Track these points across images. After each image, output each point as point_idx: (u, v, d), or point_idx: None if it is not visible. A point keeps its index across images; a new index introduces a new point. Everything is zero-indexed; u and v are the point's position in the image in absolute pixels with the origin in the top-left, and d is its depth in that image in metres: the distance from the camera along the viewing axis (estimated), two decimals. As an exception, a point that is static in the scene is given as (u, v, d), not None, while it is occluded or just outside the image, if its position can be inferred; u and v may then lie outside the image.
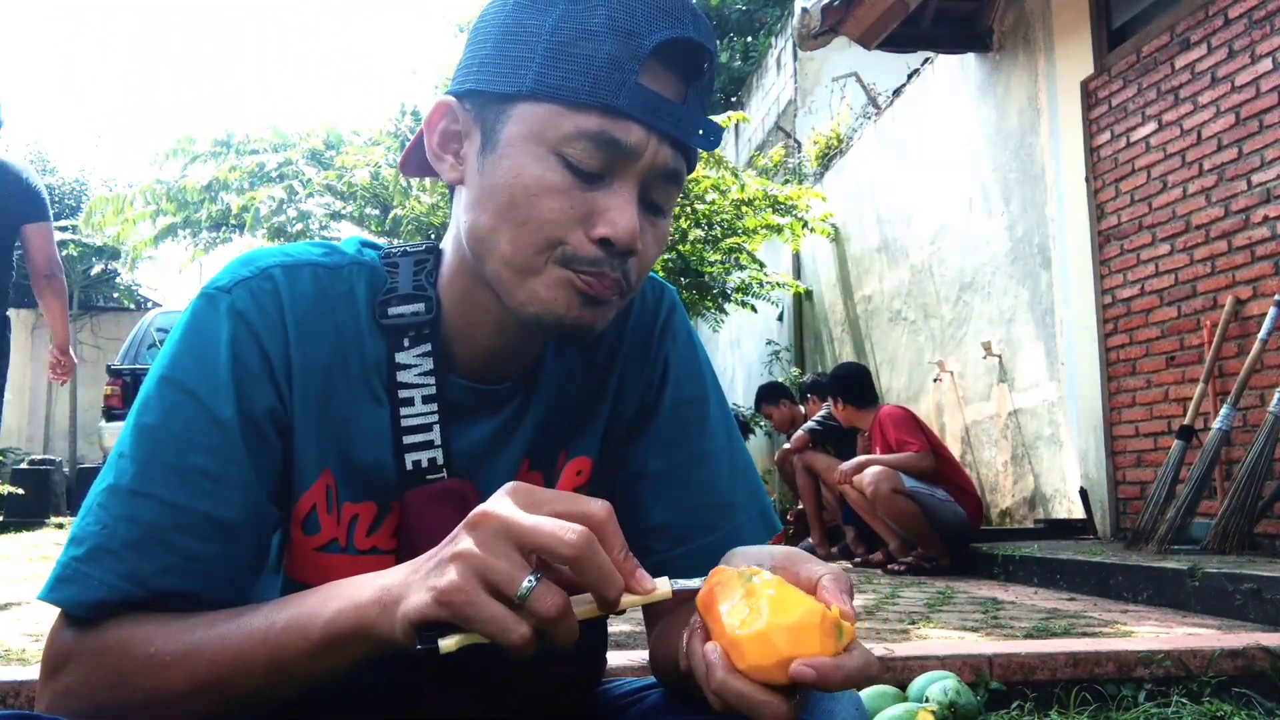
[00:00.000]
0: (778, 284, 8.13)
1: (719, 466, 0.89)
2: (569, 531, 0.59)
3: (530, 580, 0.59)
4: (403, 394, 0.80)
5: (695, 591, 0.65)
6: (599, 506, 0.63)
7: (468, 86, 0.77)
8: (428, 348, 0.80)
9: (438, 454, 0.80)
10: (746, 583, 0.63)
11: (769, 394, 6.79)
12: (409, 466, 0.79)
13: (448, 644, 0.61)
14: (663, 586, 0.64)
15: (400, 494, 0.80)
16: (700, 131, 0.75)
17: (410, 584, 0.63)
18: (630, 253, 0.74)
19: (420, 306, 0.80)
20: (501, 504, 0.62)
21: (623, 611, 0.64)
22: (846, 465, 4.79)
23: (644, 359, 0.90)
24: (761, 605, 0.61)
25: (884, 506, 4.57)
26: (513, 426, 0.85)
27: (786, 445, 6.05)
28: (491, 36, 0.76)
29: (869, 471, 4.59)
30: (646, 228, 0.76)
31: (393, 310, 0.80)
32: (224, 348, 0.74)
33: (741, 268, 7.75)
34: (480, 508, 0.62)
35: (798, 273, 9.43)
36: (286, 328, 0.77)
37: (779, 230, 7.52)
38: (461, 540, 0.61)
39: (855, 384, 5.16)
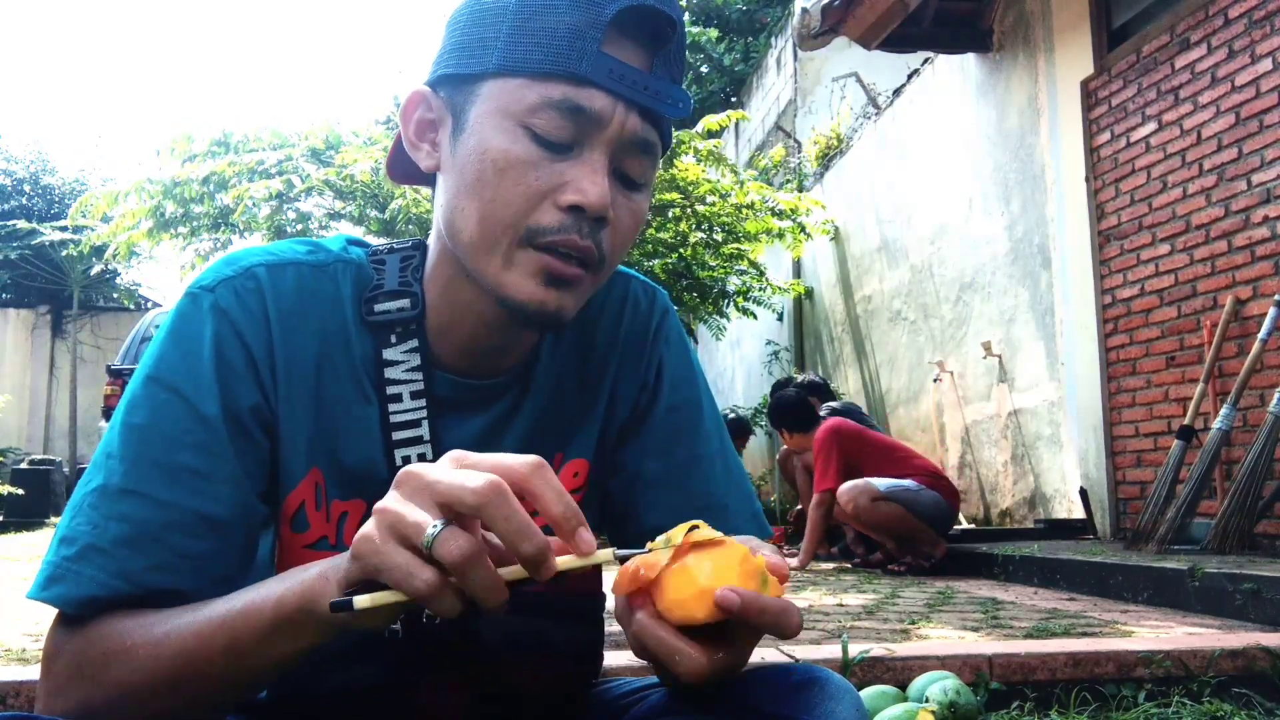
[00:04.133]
0: (779, 289, 8.11)
1: (713, 469, 0.90)
2: (475, 479, 0.58)
3: (434, 525, 0.57)
4: (391, 390, 0.80)
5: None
6: (523, 461, 0.60)
7: (439, 73, 0.78)
8: (414, 343, 0.80)
9: (427, 449, 0.79)
10: (681, 534, 0.64)
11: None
12: (399, 463, 0.79)
13: (361, 600, 0.59)
14: (604, 552, 0.62)
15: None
16: (669, 99, 0.75)
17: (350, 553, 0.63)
18: (602, 220, 0.73)
19: (406, 302, 0.80)
20: (428, 464, 0.61)
21: (560, 576, 0.60)
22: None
23: (638, 360, 0.90)
24: (685, 547, 0.62)
25: (869, 518, 4.64)
26: (505, 423, 0.85)
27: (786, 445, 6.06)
28: (461, 23, 0.77)
29: (843, 491, 4.65)
30: (620, 200, 0.76)
31: (379, 307, 0.80)
32: (208, 345, 0.75)
33: (743, 271, 7.73)
34: (406, 468, 0.61)
35: (797, 272, 9.42)
36: (270, 325, 0.77)
37: (780, 235, 7.51)
38: (384, 499, 0.61)
39: (793, 411, 5.31)
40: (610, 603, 0.93)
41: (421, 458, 0.79)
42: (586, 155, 0.73)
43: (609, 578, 0.93)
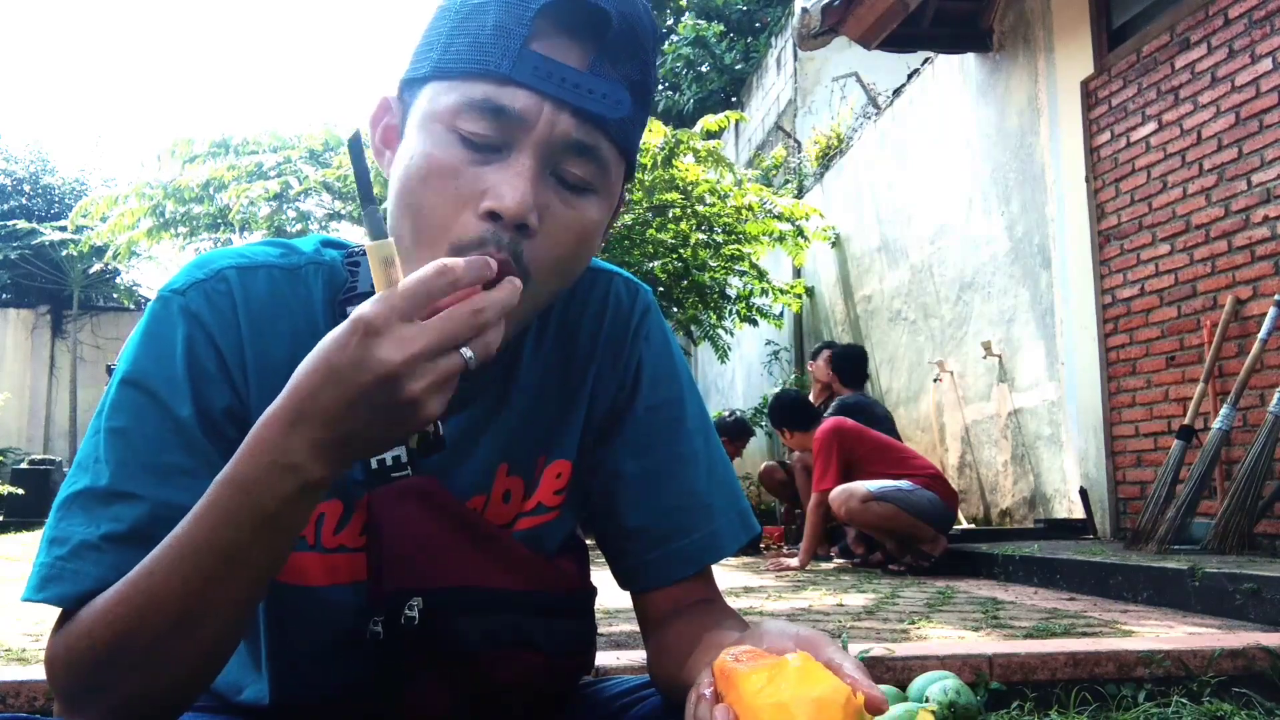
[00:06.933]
0: (780, 292, 8.09)
1: (696, 469, 0.88)
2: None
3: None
4: None
5: None
6: None
7: (400, 78, 0.77)
8: None
9: (401, 452, 0.78)
10: (773, 659, 0.60)
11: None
12: (373, 465, 0.78)
13: None
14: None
15: (365, 492, 0.79)
16: (605, 99, 0.71)
17: None
18: (523, 228, 0.70)
19: None
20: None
21: None
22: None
23: (616, 360, 0.89)
24: (786, 676, 0.59)
25: (862, 519, 4.65)
26: (484, 424, 0.84)
27: (786, 457, 6.05)
28: (423, 27, 0.77)
29: (833, 497, 4.67)
30: (557, 207, 0.72)
31: (351, 309, 0.79)
32: (180, 348, 0.75)
33: (743, 273, 7.72)
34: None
35: (798, 273, 9.42)
36: (241, 328, 0.77)
37: (781, 239, 7.50)
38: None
39: (794, 411, 5.33)
40: (600, 599, 0.93)
41: (395, 460, 0.78)
42: (511, 159, 0.70)
43: (600, 575, 0.93)
